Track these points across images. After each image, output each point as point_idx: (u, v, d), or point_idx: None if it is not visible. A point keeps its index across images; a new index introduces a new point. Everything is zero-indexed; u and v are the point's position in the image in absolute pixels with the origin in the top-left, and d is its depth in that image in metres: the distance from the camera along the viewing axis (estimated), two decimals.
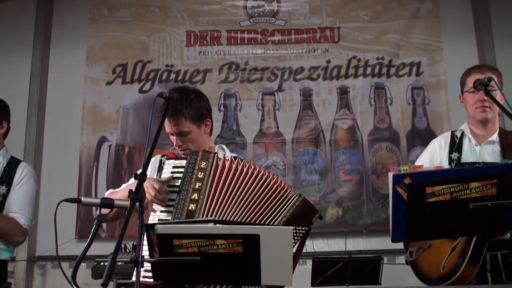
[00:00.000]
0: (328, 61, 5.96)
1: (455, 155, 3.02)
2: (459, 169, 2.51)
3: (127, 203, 2.09)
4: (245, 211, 2.45)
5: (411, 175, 2.05)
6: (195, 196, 2.47)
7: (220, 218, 2.41)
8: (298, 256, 2.42)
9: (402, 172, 2.10)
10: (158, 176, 2.73)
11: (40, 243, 5.50)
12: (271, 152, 5.75)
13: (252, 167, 2.53)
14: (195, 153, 2.62)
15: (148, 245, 2.03)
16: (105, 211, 2.23)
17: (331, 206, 5.57)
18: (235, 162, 2.55)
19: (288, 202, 2.44)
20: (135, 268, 1.95)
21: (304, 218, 2.40)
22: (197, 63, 5.99)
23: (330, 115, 5.84)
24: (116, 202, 2.29)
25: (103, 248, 4.64)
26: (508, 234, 2.71)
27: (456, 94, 5.65)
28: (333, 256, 4.95)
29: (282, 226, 2.33)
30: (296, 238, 2.36)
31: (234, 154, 2.89)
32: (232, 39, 6.05)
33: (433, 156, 3.11)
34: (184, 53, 6.02)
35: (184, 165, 2.60)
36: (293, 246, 2.26)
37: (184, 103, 2.73)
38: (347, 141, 5.77)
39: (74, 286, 1.87)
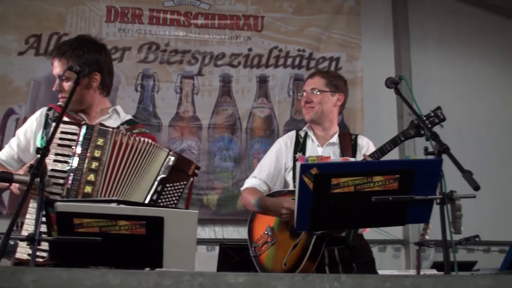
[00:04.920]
0: (250, 49, 5.96)
1: (299, 155, 3.10)
2: (364, 162, 2.58)
3: (27, 178, 2.00)
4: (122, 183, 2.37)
5: (318, 165, 2.08)
6: (91, 177, 2.32)
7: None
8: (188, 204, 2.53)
9: (309, 162, 2.14)
10: (43, 133, 2.56)
11: None
12: (187, 136, 5.68)
13: (141, 140, 2.44)
14: (91, 127, 2.40)
15: (47, 223, 1.96)
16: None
17: None
18: (132, 138, 2.41)
19: (161, 161, 2.40)
20: (31, 246, 1.89)
21: (181, 172, 2.41)
22: (116, 40, 5.80)
23: (248, 103, 5.85)
24: (15, 177, 2.20)
25: (4, 225, 4.43)
26: (344, 233, 2.86)
27: (371, 91, 5.88)
28: (240, 243, 4.96)
29: (157, 184, 2.36)
30: (177, 193, 2.39)
31: (129, 116, 2.75)
32: (154, 19, 5.90)
33: (279, 155, 3.18)
34: (103, 29, 5.81)
35: (75, 131, 2.38)
36: (177, 202, 2.37)
37: (72, 48, 2.55)
38: (263, 130, 5.81)
39: None
